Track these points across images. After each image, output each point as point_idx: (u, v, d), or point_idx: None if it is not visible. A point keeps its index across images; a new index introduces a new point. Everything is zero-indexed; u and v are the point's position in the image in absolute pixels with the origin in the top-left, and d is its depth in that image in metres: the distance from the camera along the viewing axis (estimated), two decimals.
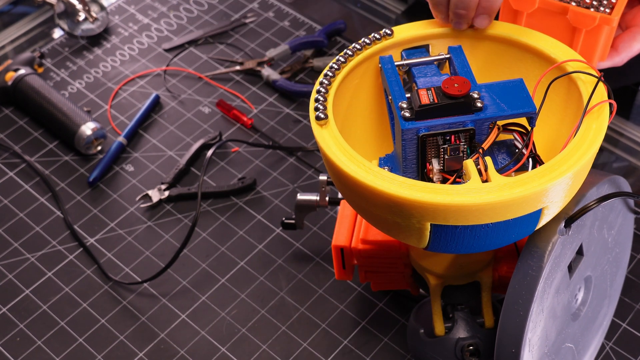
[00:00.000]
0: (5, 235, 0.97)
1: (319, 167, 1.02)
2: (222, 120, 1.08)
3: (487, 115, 0.63)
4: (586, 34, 0.82)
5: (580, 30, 0.82)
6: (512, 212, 0.61)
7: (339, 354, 0.86)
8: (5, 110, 1.10)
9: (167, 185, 1.00)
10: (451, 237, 0.63)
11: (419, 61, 0.70)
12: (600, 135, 0.63)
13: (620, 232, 0.80)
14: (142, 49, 1.17)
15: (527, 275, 0.67)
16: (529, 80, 0.71)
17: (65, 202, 1.00)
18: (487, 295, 0.77)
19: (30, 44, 1.19)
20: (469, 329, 0.76)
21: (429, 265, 0.77)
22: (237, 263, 0.94)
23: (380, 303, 0.90)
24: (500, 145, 0.68)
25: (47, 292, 0.92)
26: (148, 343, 0.88)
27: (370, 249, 0.80)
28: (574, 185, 0.64)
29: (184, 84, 1.13)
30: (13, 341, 0.88)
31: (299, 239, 0.96)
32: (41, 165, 1.04)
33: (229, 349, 0.87)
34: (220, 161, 1.04)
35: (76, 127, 1.03)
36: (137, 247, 0.96)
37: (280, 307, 0.90)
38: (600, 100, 0.65)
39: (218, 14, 1.22)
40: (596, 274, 0.78)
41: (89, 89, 1.12)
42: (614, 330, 0.87)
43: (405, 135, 0.63)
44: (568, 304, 0.74)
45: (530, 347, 0.69)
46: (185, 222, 0.98)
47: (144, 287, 0.92)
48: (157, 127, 1.08)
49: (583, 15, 0.81)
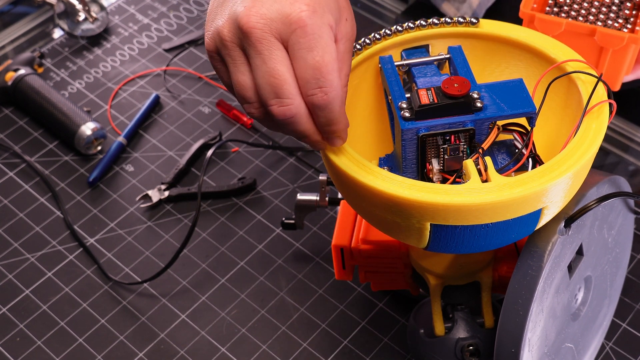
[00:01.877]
0: (5, 235, 0.97)
1: (319, 167, 1.02)
2: (222, 120, 1.08)
3: (487, 115, 0.63)
4: (613, 53, 0.84)
5: (608, 49, 0.83)
6: (512, 212, 0.61)
7: (339, 354, 0.86)
8: (5, 110, 1.10)
9: (167, 185, 1.00)
10: (451, 237, 0.63)
11: (419, 61, 0.70)
12: (600, 135, 0.63)
13: (621, 232, 0.80)
14: (142, 49, 1.17)
15: (527, 275, 0.67)
16: (529, 80, 0.71)
17: (65, 202, 1.00)
18: (487, 295, 0.77)
19: (30, 44, 1.19)
20: (469, 329, 0.76)
21: (429, 265, 0.77)
22: (237, 263, 0.94)
23: (380, 303, 0.90)
24: (500, 145, 0.68)
25: (47, 292, 0.92)
26: (148, 343, 0.88)
27: (370, 249, 0.80)
28: (574, 185, 0.64)
29: (184, 84, 1.13)
30: (13, 341, 0.88)
31: (299, 239, 0.96)
32: (41, 165, 1.04)
33: (229, 349, 0.87)
34: (220, 161, 1.04)
35: (76, 127, 1.03)
36: (137, 247, 0.96)
37: (280, 307, 0.90)
38: (600, 100, 0.65)
39: None
40: (596, 274, 0.78)
41: (89, 89, 1.12)
42: (614, 330, 0.87)
43: (405, 135, 0.63)
44: (568, 304, 0.74)
45: (530, 347, 0.69)
46: (185, 222, 0.98)
47: (144, 287, 0.92)
48: (157, 127, 1.08)
49: (611, 36, 0.83)
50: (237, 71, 0.60)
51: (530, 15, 0.87)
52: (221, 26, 0.59)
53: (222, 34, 0.59)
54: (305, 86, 0.58)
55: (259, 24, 0.58)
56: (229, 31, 0.59)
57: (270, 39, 0.58)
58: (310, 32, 0.57)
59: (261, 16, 0.57)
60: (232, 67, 0.60)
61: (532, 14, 0.87)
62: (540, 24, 0.86)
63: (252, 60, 0.59)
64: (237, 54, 0.60)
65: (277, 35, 0.58)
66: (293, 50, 0.58)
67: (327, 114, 0.59)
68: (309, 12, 0.57)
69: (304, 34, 0.57)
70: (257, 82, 0.59)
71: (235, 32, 0.59)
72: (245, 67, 0.60)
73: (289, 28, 0.57)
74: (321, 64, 0.57)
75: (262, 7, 0.58)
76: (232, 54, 0.60)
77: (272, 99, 0.58)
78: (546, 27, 0.86)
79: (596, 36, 0.84)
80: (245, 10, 0.58)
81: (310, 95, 0.58)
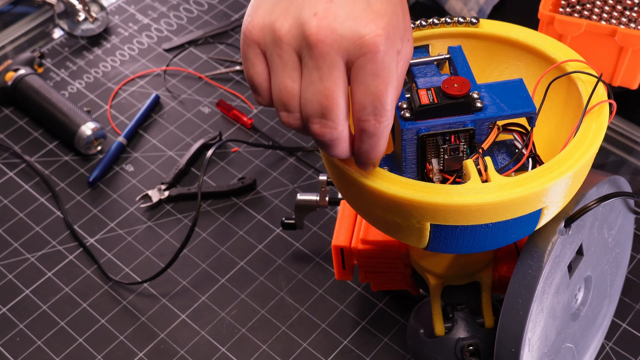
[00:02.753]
0: (5, 235, 0.97)
1: (319, 167, 1.02)
2: (222, 120, 1.08)
3: (487, 115, 0.63)
4: (633, 52, 0.84)
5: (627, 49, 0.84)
6: (512, 212, 0.61)
7: (339, 354, 0.86)
8: (5, 110, 1.10)
9: (167, 185, 1.00)
10: (451, 237, 0.63)
11: (419, 61, 0.70)
12: (600, 135, 0.63)
13: (621, 232, 0.80)
14: (142, 49, 1.17)
15: (527, 275, 0.67)
16: (529, 80, 0.71)
17: (65, 202, 1.00)
18: (487, 295, 0.77)
19: (30, 44, 1.19)
20: (469, 329, 0.76)
21: (429, 265, 0.77)
22: (237, 263, 0.94)
23: (380, 303, 0.90)
24: (500, 145, 0.68)
25: (47, 292, 0.92)
26: (148, 343, 0.88)
27: (370, 249, 0.80)
28: (574, 185, 0.64)
29: (184, 84, 1.13)
30: (13, 341, 0.88)
31: (299, 239, 0.96)
32: (41, 165, 1.04)
33: (229, 349, 0.87)
34: (220, 161, 1.04)
35: (76, 127, 1.03)
36: (137, 247, 0.96)
37: (280, 307, 0.90)
38: (600, 100, 0.65)
39: (218, 14, 1.22)
40: (596, 274, 0.78)
41: (89, 89, 1.12)
42: (614, 330, 0.87)
43: (405, 135, 0.63)
44: (568, 304, 0.74)
45: (530, 347, 0.69)
46: (185, 222, 0.98)
47: (144, 287, 0.92)
48: (157, 127, 1.08)
49: (632, 37, 0.84)
50: (287, 76, 0.56)
51: (550, 17, 0.87)
52: (280, 24, 0.55)
53: (280, 32, 0.55)
54: (361, 111, 0.55)
55: (328, 38, 0.53)
56: (288, 32, 0.55)
57: (335, 57, 0.54)
58: (380, 60, 0.54)
59: (332, 31, 0.53)
60: (280, 70, 0.56)
61: (551, 15, 0.87)
62: (560, 25, 0.87)
63: (308, 72, 0.55)
64: (291, 58, 0.55)
65: (344, 54, 0.54)
66: (357, 73, 0.54)
67: (374, 141, 0.57)
68: (383, 38, 0.53)
69: (373, 59, 0.54)
70: (306, 95, 0.55)
71: (298, 37, 0.54)
72: (296, 73, 0.56)
73: (359, 50, 0.53)
74: (383, 93, 0.54)
75: (334, 21, 0.53)
76: (284, 57, 0.55)
77: (316, 117, 0.55)
78: (566, 28, 0.86)
79: (617, 36, 0.84)
80: (316, 19, 0.53)
81: (364, 121, 0.55)
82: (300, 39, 0.54)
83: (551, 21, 0.88)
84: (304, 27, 0.54)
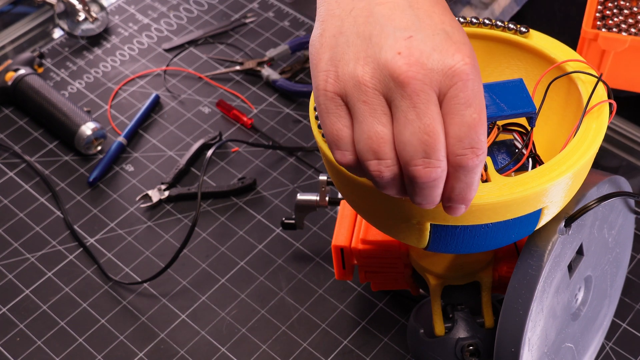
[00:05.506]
0: (5, 235, 0.97)
1: (319, 167, 1.02)
2: (222, 120, 1.08)
3: (487, 115, 0.63)
4: None
5: None
6: (512, 212, 0.61)
7: (339, 354, 0.86)
8: (5, 110, 1.10)
9: (167, 185, 1.00)
10: (451, 237, 0.63)
11: None
12: (600, 135, 0.63)
13: (621, 232, 0.80)
14: (142, 49, 1.17)
15: (527, 274, 0.67)
16: (529, 80, 0.71)
17: (65, 202, 1.00)
18: (487, 295, 0.77)
19: (30, 44, 1.19)
20: (469, 329, 0.76)
21: (429, 265, 0.77)
22: (237, 263, 0.94)
23: (380, 303, 0.90)
24: (500, 145, 0.68)
25: (47, 292, 0.92)
26: (148, 343, 0.88)
27: (370, 249, 0.80)
28: (574, 185, 0.64)
29: (184, 84, 1.13)
30: (13, 341, 0.88)
31: (299, 239, 0.96)
32: (41, 165, 1.04)
33: (229, 349, 0.87)
34: (220, 161, 1.04)
35: (76, 127, 1.03)
36: (137, 247, 0.96)
37: (280, 307, 0.90)
38: (600, 100, 0.65)
39: (218, 14, 1.22)
40: (596, 274, 0.78)
41: (89, 89, 1.12)
42: (614, 330, 0.87)
43: None
44: (568, 303, 0.74)
45: (530, 347, 0.69)
46: (185, 222, 0.98)
47: (144, 287, 0.92)
48: (157, 127, 1.08)
49: None
50: (377, 122, 0.53)
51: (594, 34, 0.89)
52: (362, 69, 0.52)
53: (363, 79, 0.52)
54: (457, 145, 0.52)
55: (419, 74, 0.51)
56: (372, 77, 0.52)
57: (429, 92, 0.51)
58: (471, 87, 0.52)
59: (421, 66, 0.51)
60: (367, 117, 0.53)
61: (596, 32, 0.89)
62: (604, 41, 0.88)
63: (403, 113, 0.52)
64: (379, 103, 0.53)
65: (436, 87, 0.52)
66: (449, 105, 0.52)
67: (470, 177, 0.53)
68: (471, 65, 0.52)
69: (464, 88, 0.52)
70: (403, 138, 0.52)
71: (383, 79, 0.52)
72: (386, 118, 0.53)
73: (450, 81, 0.52)
74: (477, 122, 0.52)
75: (421, 56, 0.52)
76: (372, 102, 0.52)
77: (419, 158, 0.52)
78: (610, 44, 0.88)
79: None
80: (402, 58, 0.52)
81: (460, 155, 0.52)
82: (388, 81, 0.52)
83: (595, 38, 0.89)
84: (389, 68, 0.52)
